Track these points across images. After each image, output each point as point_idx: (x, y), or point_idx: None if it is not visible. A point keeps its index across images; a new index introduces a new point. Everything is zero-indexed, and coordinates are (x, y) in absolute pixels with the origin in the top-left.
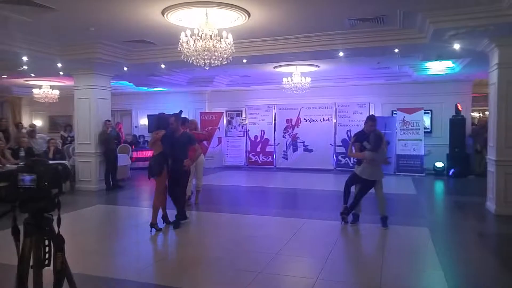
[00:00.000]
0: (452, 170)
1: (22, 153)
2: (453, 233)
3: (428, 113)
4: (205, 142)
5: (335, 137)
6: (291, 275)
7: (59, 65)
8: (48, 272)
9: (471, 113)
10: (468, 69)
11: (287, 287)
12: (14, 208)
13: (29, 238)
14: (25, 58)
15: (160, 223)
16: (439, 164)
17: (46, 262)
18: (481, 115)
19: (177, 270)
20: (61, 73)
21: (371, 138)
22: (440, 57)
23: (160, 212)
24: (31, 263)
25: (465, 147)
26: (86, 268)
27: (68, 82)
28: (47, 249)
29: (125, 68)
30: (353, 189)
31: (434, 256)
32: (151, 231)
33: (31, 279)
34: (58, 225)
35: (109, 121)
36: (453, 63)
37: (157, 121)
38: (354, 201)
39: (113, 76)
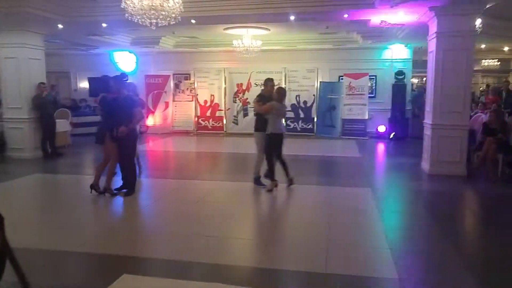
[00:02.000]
0: (392, 133)
1: None
2: (392, 191)
3: (373, 78)
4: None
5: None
6: (242, 238)
7: None
8: None
9: (411, 79)
10: (410, 37)
11: (238, 249)
12: None
13: None
14: None
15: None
16: (382, 128)
17: None
18: (419, 80)
19: (125, 239)
20: None
21: (276, 92)
22: (384, 24)
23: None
24: None
25: (404, 111)
26: (27, 241)
27: None
28: None
29: (60, 26)
30: None
31: (376, 213)
32: (104, 194)
33: None
34: None
35: (43, 84)
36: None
37: (101, 84)
38: (269, 164)
39: (45, 33)
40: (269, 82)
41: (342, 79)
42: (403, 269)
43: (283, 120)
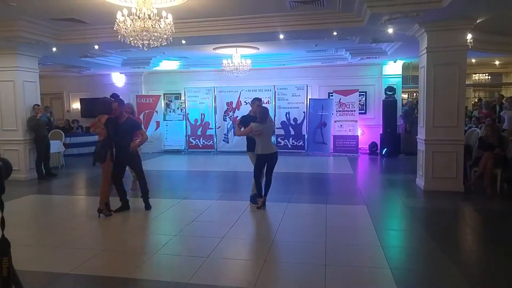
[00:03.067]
0: (384, 150)
1: None
2: (389, 208)
3: (363, 95)
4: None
5: (274, 119)
6: (239, 258)
7: None
8: None
9: (401, 95)
10: (399, 53)
11: (235, 270)
12: None
13: None
14: None
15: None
16: (373, 144)
17: None
18: (409, 96)
19: (121, 260)
20: None
21: (258, 112)
22: (375, 41)
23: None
24: None
25: (396, 127)
26: (23, 263)
27: None
28: None
29: (54, 49)
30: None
31: (372, 231)
32: (99, 216)
33: None
34: (2, 227)
35: (38, 105)
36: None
37: (101, 106)
38: (256, 183)
39: (40, 57)
40: (255, 101)
41: (332, 96)
42: None
43: (272, 138)
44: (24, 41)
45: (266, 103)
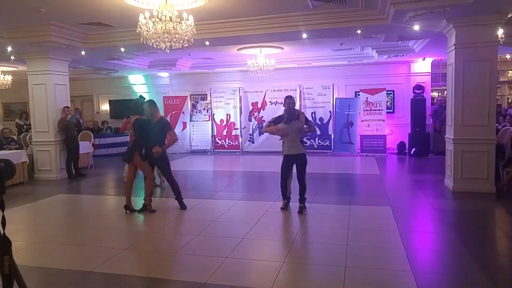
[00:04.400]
0: (413, 149)
1: None
2: (414, 210)
3: (391, 93)
4: None
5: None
6: (258, 259)
7: (9, 49)
8: None
9: (431, 93)
10: (428, 50)
11: (254, 271)
12: None
13: None
14: None
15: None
16: (401, 144)
17: None
18: (440, 94)
19: (142, 259)
20: (13, 57)
21: (284, 111)
22: (401, 38)
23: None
24: None
25: (425, 126)
26: (49, 260)
27: (21, 67)
28: None
29: (83, 52)
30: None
31: (396, 233)
32: (126, 212)
33: None
34: (3, 226)
35: (68, 107)
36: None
37: (133, 107)
38: (280, 184)
39: (70, 60)
40: (285, 99)
41: (358, 95)
42: None
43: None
44: (54, 45)
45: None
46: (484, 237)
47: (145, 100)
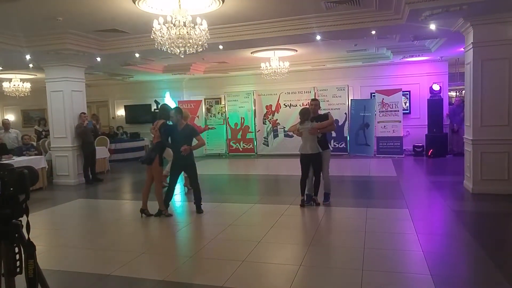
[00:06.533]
0: (430, 150)
1: None
2: (432, 213)
3: (407, 94)
4: None
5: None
6: (274, 263)
7: (28, 57)
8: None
9: (448, 93)
10: (444, 49)
11: (271, 274)
12: None
13: None
14: None
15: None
16: (419, 145)
17: (18, 270)
18: (458, 94)
19: (159, 263)
20: (31, 65)
21: (299, 113)
22: (416, 38)
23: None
24: (2, 271)
25: (442, 127)
26: (68, 264)
27: (39, 75)
28: (17, 256)
29: (98, 59)
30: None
31: (413, 235)
32: (141, 216)
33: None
34: (28, 231)
35: (84, 113)
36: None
37: (160, 112)
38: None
39: (86, 67)
40: (311, 101)
41: (374, 96)
42: None
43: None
44: (71, 53)
45: (306, 105)
46: (504, 240)
47: (172, 108)
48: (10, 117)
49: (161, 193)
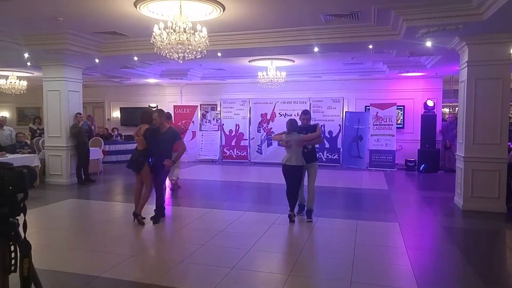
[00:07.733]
0: (422, 166)
1: None
2: (422, 228)
3: (401, 108)
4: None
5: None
6: (263, 271)
7: (26, 55)
8: (15, 278)
9: (442, 109)
10: (439, 66)
11: (259, 283)
12: None
13: None
14: None
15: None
16: (411, 160)
17: (12, 268)
18: (451, 110)
19: (148, 267)
20: (29, 63)
21: (286, 123)
22: (412, 54)
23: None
24: None
25: (435, 143)
26: (58, 264)
27: (36, 73)
28: (13, 255)
29: (97, 60)
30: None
31: (403, 249)
32: (134, 220)
33: None
34: (24, 230)
35: (80, 114)
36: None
37: (142, 116)
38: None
39: (84, 68)
40: (301, 114)
41: (368, 109)
42: None
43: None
44: (70, 53)
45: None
46: (493, 258)
47: (154, 109)
48: (5, 114)
49: (147, 199)
